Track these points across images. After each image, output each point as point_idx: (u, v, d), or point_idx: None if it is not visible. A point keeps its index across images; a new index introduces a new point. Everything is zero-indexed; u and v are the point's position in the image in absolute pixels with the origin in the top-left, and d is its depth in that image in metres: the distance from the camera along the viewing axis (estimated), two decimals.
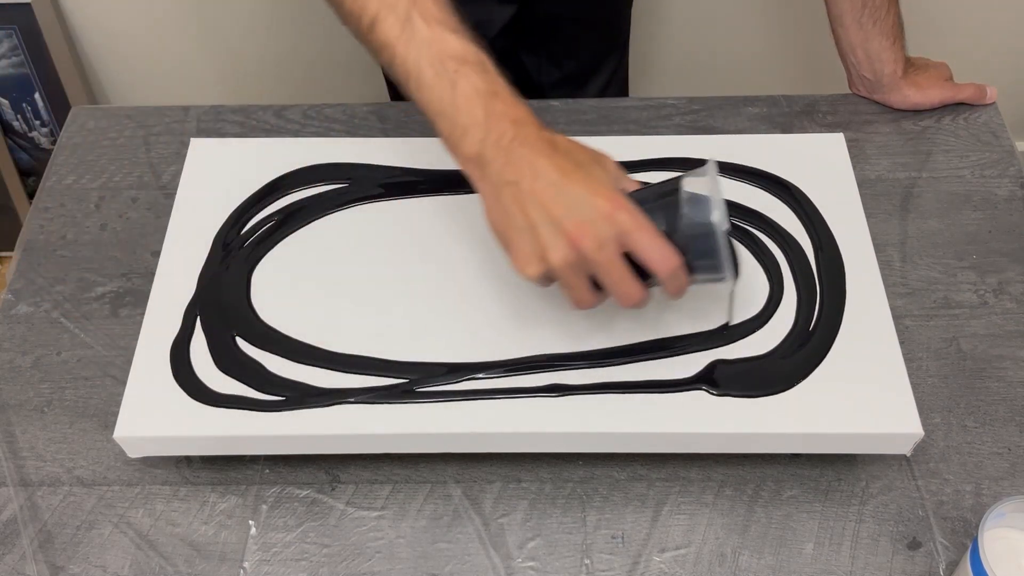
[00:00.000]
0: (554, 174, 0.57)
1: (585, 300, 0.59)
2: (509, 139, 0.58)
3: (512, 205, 0.57)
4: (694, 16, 1.47)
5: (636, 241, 0.56)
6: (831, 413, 0.62)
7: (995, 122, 0.88)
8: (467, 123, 0.58)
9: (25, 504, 0.67)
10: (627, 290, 0.58)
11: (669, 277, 0.57)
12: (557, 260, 0.57)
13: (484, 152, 0.58)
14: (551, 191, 0.56)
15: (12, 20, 1.43)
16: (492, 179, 0.58)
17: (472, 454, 0.68)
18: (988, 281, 0.77)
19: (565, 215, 0.56)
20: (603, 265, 0.57)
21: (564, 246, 0.56)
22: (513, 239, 0.58)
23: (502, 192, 0.58)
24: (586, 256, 0.56)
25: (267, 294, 0.70)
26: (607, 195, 0.56)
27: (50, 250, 0.80)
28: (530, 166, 0.57)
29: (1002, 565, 0.55)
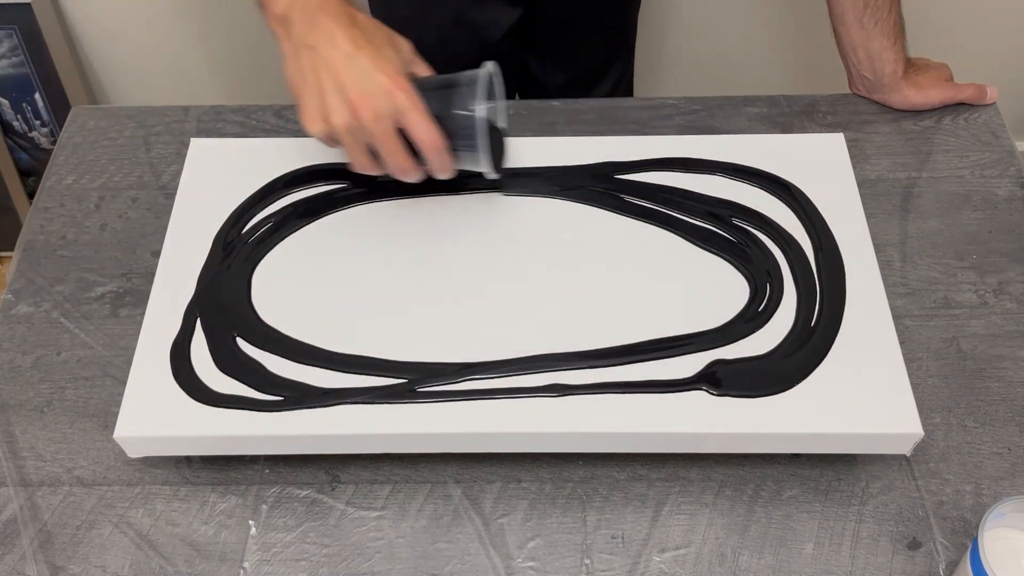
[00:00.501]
0: (348, 45, 0.64)
1: (362, 163, 0.66)
2: (314, 6, 0.65)
3: (307, 67, 0.64)
4: (695, 17, 1.47)
5: (407, 119, 0.64)
6: (831, 413, 0.62)
7: (995, 122, 0.88)
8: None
9: (25, 504, 0.67)
10: (398, 161, 0.65)
11: (432, 155, 0.65)
12: (338, 123, 0.64)
13: (290, 14, 0.65)
14: (343, 60, 0.63)
15: (12, 20, 1.43)
16: (294, 40, 0.65)
17: (472, 454, 0.68)
18: (988, 281, 0.77)
19: (350, 85, 0.63)
20: (378, 136, 0.64)
21: (346, 112, 0.63)
22: (304, 98, 0.65)
23: (300, 53, 0.65)
24: (364, 125, 0.63)
25: (267, 294, 0.70)
26: (390, 74, 0.63)
27: (50, 250, 0.80)
28: (328, 34, 0.64)
29: (1002, 565, 0.55)
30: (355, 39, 0.64)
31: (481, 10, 0.98)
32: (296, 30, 0.65)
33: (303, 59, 0.65)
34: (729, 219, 0.73)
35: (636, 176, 0.77)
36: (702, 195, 0.75)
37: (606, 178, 0.76)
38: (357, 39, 0.64)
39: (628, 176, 0.77)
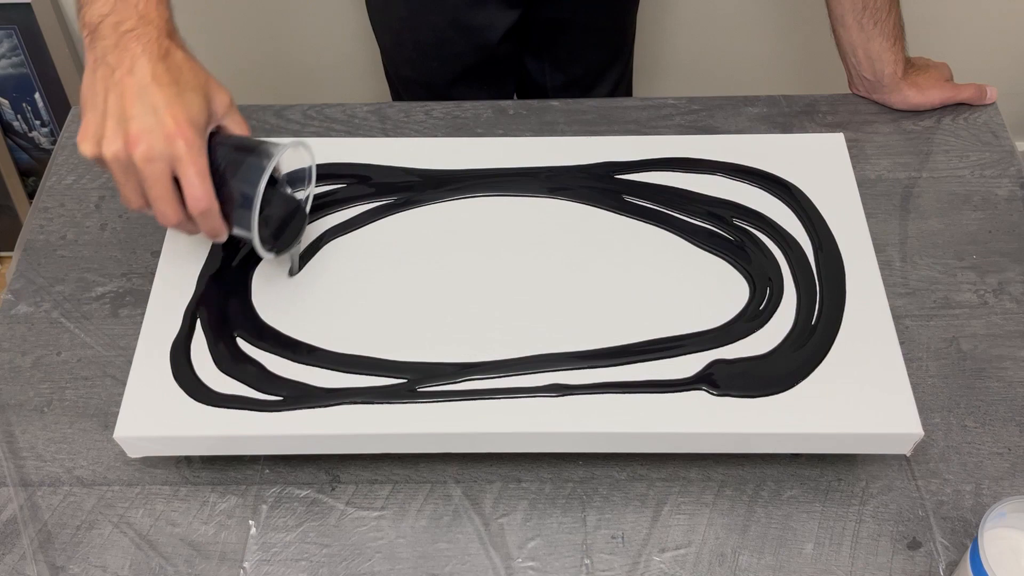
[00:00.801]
0: (147, 78, 0.60)
1: (128, 199, 0.62)
2: (126, 28, 0.61)
3: (100, 85, 0.61)
4: (695, 17, 1.47)
5: (182, 171, 0.60)
6: (831, 413, 0.62)
7: (995, 122, 0.88)
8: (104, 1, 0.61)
9: (25, 504, 0.67)
10: (162, 208, 0.61)
11: (197, 214, 0.61)
12: (108, 152, 0.60)
13: (101, 27, 0.61)
14: (134, 91, 0.60)
15: (12, 20, 1.43)
16: (96, 54, 0.61)
17: (472, 454, 0.68)
18: (988, 281, 0.77)
19: (133, 116, 0.59)
20: (148, 179, 0.60)
21: (119, 143, 0.59)
22: (86, 115, 0.61)
23: (98, 70, 0.61)
24: (134, 162, 0.59)
25: (267, 294, 0.70)
26: (179, 118, 0.60)
27: (50, 250, 0.80)
28: (132, 60, 0.60)
29: (1002, 565, 0.55)
30: (157, 73, 0.60)
31: (479, 12, 0.98)
32: (101, 44, 0.61)
33: (98, 75, 0.61)
34: (730, 219, 0.73)
35: (636, 176, 0.77)
36: (702, 195, 0.75)
37: (606, 178, 0.76)
38: (159, 74, 0.60)
39: (628, 176, 0.77)
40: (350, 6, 1.41)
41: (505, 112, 0.89)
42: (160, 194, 0.61)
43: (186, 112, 0.60)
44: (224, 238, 0.64)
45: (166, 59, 0.61)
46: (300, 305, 0.69)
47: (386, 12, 1.04)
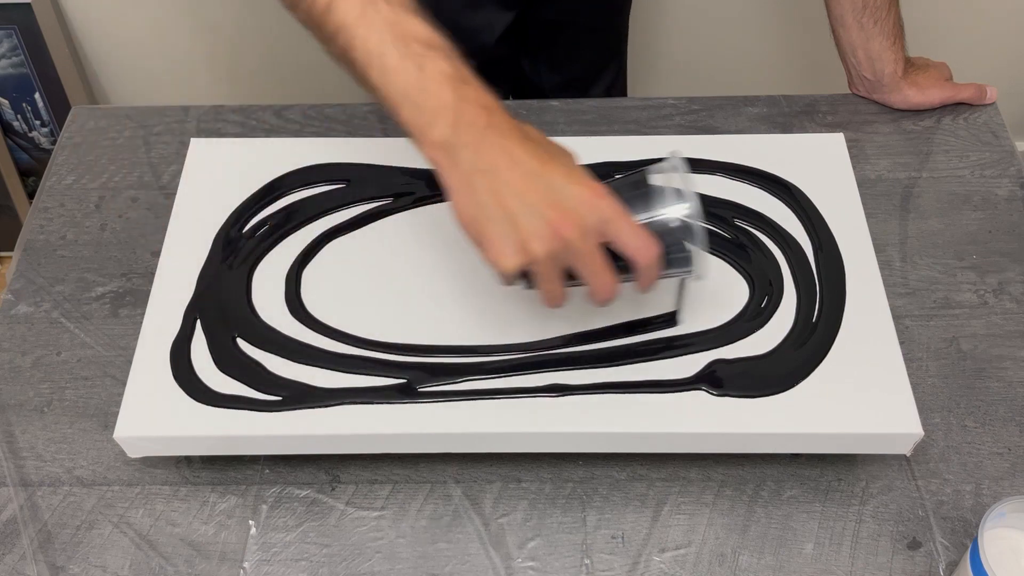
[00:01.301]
0: (532, 162, 0.55)
1: (559, 295, 0.57)
2: (482, 125, 0.55)
3: (487, 194, 0.55)
4: (694, 16, 1.47)
5: (618, 230, 0.55)
6: (831, 413, 0.62)
7: (995, 122, 0.88)
8: (437, 107, 0.55)
9: (25, 504, 0.67)
10: (605, 281, 0.56)
11: (647, 267, 0.56)
12: (540, 250, 0.54)
13: (456, 138, 0.55)
14: (530, 179, 0.54)
15: (12, 20, 1.43)
16: (463, 167, 0.55)
17: (472, 454, 0.68)
18: (988, 281, 0.77)
19: (547, 203, 0.54)
20: (585, 255, 0.55)
21: (547, 235, 0.54)
22: (489, 230, 0.55)
23: (475, 180, 0.55)
24: (569, 244, 0.54)
25: (267, 294, 0.70)
26: (587, 183, 0.55)
27: (50, 250, 0.80)
28: (506, 153, 0.55)
29: (1002, 565, 0.55)
30: (536, 154, 0.55)
31: (475, 14, 0.98)
32: (465, 156, 0.55)
33: (479, 187, 0.55)
34: (730, 219, 0.73)
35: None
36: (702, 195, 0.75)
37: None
38: (538, 153, 0.55)
39: None
40: None
41: None
42: (600, 265, 0.55)
43: (583, 174, 0.55)
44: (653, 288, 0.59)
45: (529, 137, 0.56)
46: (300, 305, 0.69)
47: None
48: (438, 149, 0.56)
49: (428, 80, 0.56)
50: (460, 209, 0.56)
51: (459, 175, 0.56)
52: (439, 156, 0.56)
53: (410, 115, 0.56)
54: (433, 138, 0.56)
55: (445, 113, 0.55)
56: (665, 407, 0.63)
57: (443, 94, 0.56)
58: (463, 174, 0.55)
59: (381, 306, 0.69)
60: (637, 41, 1.18)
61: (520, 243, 0.54)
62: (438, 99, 0.56)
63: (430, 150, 0.56)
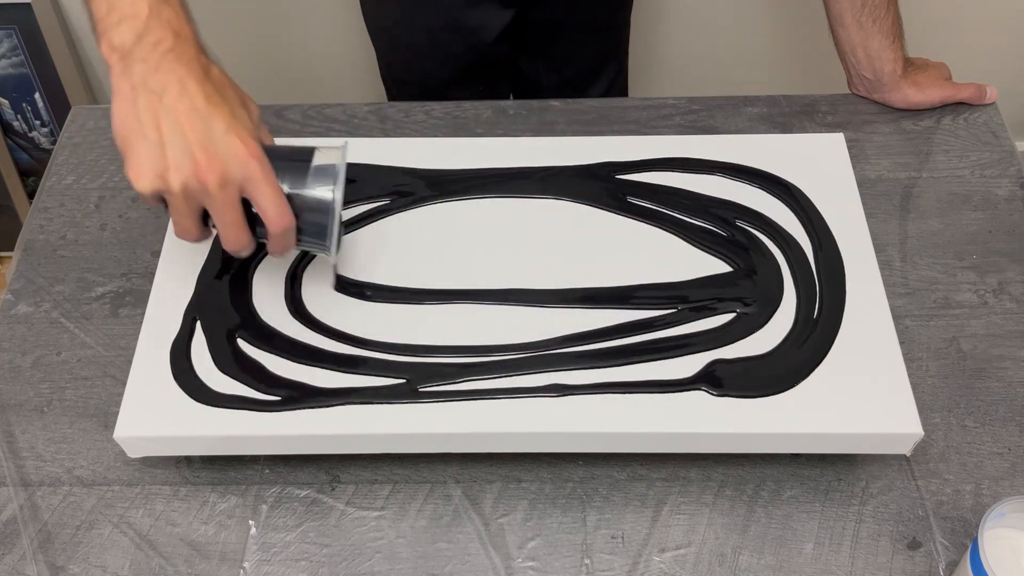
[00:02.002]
0: (200, 99, 0.56)
1: (191, 231, 0.59)
2: (166, 48, 0.56)
3: (146, 113, 0.56)
4: (694, 16, 1.47)
5: (259, 192, 0.57)
6: (831, 413, 0.62)
7: (995, 122, 0.88)
8: (127, 13, 0.57)
9: (25, 504, 0.67)
10: (236, 235, 0.59)
11: (279, 234, 0.59)
12: (176, 183, 0.56)
13: (135, 50, 0.56)
14: (192, 115, 0.56)
15: (12, 20, 1.43)
16: (133, 80, 0.56)
17: (472, 454, 0.68)
18: (988, 281, 0.77)
19: (198, 143, 0.56)
20: (221, 204, 0.57)
21: (189, 172, 0.56)
22: (136, 147, 0.56)
23: (140, 97, 0.56)
24: (207, 189, 0.56)
25: (267, 294, 0.70)
26: (245, 139, 0.57)
27: (50, 250, 0.80)
28: (179, 82, 0.56)
29: (1002, 565, 0.55)
30: (208, 93, 0.57)
31: (473, 12, 0.98)
32: (139, 70, 0.56)
33: (141, 103, 0.56)
34: (732, 220, 0.73)
35: (636, 176, 0.77)
36: (702, 195, 0.75)
37: (606, 178, 0.76)
38: (210, 93, 0.57)
39: (628, 176, 0.77)
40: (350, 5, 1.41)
41: (505, 112, 0.89)
42: (234, 219, 0.58)
43: (246, 130, 0.57)
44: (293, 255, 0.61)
45: (210, 76, 0.58)
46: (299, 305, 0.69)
47: (380, 14, 1.04)
48: (115, 52, 0.57)
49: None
50: (117, 116, 0.57)
51: (127, 85, 0.57)
52: (114, 60, 0.57)
53: (99, 9, 0.57)
54: (113, 41, 0.57)
55: (133, 22, 0.56)
56: (665, 407, 0.63)
57: (140, 4, 0.57)
58: (131, 87, 0.56)
59: (381, 306, 0.69)
60: (637, 41, 1.18)
61: (160, 170, 0.56)
62: (132, 6, 0.57)
63: (107, 50, 0.57)
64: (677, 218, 0.74)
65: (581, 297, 0.69)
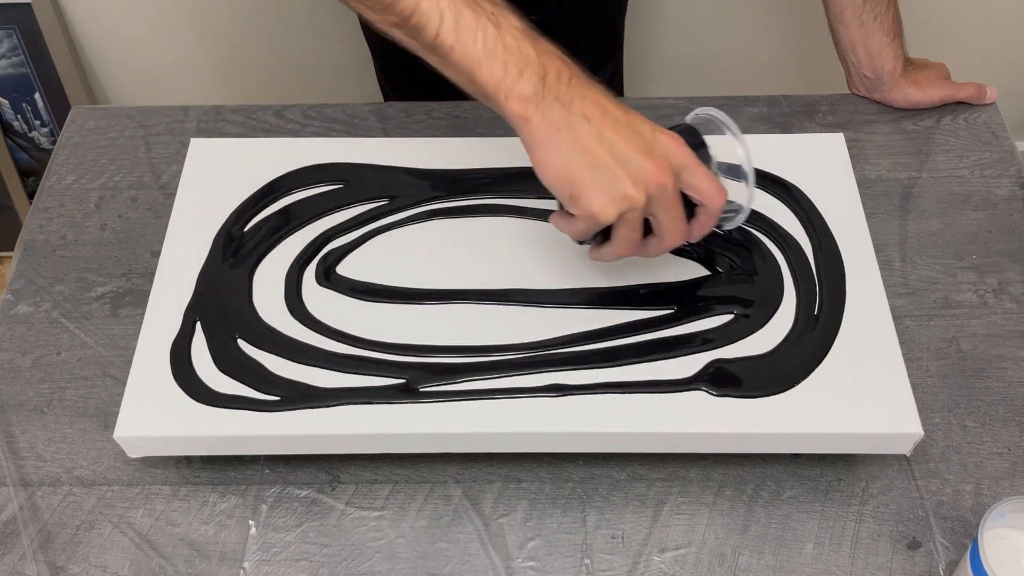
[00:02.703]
0: (617, 111, 0.56)
1: (637, 244, 0.59)
2: (567, 78, 0.56)
3: (579, 144, 0.55)
4: (693, 16, 1.47)
5: (697, 176, 0.57)
6: (831, 413, 0.62)
7: (995, 122, 0.88)
8: (522, 61, 0.55)
9: (25, 504, 0.67)
10: (681, 227, 0.58)
11: (716, 209, 0.59)
12: (639, 195, 0.55)
13: (545, 91, 0.55)
14: (621, 128, 0.56)
15: (12, 20, 1.43)
16: (554, 120, 0.55)
17: (472, 454, 0.68)
18: (988, 281, 0.77)
19: (640, 151, 0.55)
20: (673, 201, 0.57)
21: (650, 180, 0.55)
22: (585, 180, 0.56)
23: (567, 132, 0.55)
24: (664, 189, 0.56)
25: (268, 294, 0.70)
26: (666, 132, 0.57)
27: (50, 250, 0.80)
28: (596, 104, 0.56)
29: (1002, 565, 0.55)
30: (618, 104, 0.57)
31: None
32: (556, 108, 0.56)
33: (570, 138, 0.55)
34: None
35: None
36: None
37: None
38: (619, 104, 0.57)
39: None
40: None
41: None
42: (682, 213, 0.58)
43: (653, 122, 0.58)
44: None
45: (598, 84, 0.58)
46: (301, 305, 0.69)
47: None
48: (528, 103, 0.56)
49: (507, 36, 0.56)
50: (550, 163, 0.56)
51: (549, 128, 0.56)
52: (528, 110, 0.56)
53: (494, 71, 0.56)
54: (522, 92, 0.55)
55: (531, 67, 0.55)
56: (665, 407, 0.63)
57: (525, 48, 0.56)
58: (554, 127, 0.56)
59: (381, 306, 0.69)
60: (636, 41, 1.18)
61: (623, 190, 0.56)
62: (521, 54, 0.56)
63: (518, 105, 0.56)
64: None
65: (581, 297, 0.69)
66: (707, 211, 0.59)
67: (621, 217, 0.57)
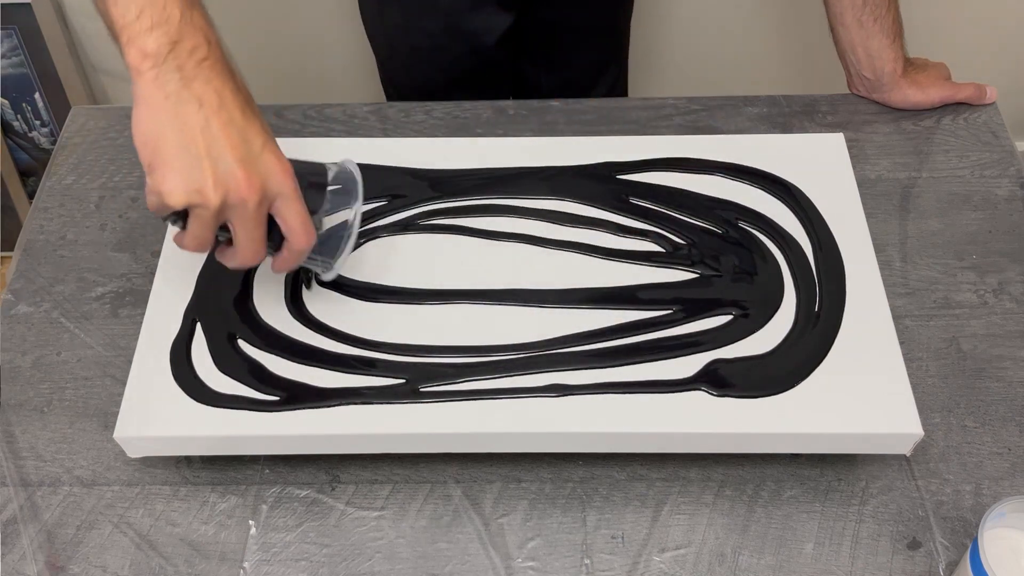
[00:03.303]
0: (237, 112, 0.55)
1: (205, 244, 0.57)
2: (201, 56, 0.54)
3: (185, 125, 0.53)
4: (693, 16, 1.47)
5: (290, 210, 0.56)
6: (831, 413, 0.62)
7: (995, 122, 0.88)
8: (159, 18, 0.54)
9: (25, 504, 0.67)
10: (256, 250, 0.57)
11: (299, 252, 0.58)
12: (216, 198, 0.54)
13: (170, 58, 0.53)
14: (231, 129, 0.54)
15: (12, 20, 1.43)
16: (167, 88, 0.54)
17: (472, 454, 0.68)
18: (988, 281, 0.77)
19: (239, 159, 0.54)
20: (253, 220, 0.56)
21: (231, 188, 0.54)
22: (171, 159, 0.54)
23: (178, 107, 0.54)
24: (244, 205, 0.54)
25: (267, 294, 0.70)
26: (279, 156, 0.56)
27: (50, 250, 0.80)
28: (216, 93, 0.54)
29: (1002, 565, 0.55)
30: (242, 106, 0.55)
31: (474, 16, 0.97)
32: (175, 78, 0.54)
33: (180, 114, 0.54)
34: (734, 220, 0.73)
35: (637, 176, 0.77)
36: (702, 195, 0.75)
37: (607, 178, 0.76)
38: (243, 106, 0.55)
39: (629, 176, 0.77)
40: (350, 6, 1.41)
41: (505, 112, 0.89)
42: (260, 235, 0.57)
43: (274, 143, 0.56)
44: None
45: (240, 87, 0.56)
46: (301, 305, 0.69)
47: (380, 18, 1.04)
48: (147, 59, 0.54)
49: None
50: (145, 124, 0.54)
51: (160, 92, 0.54)
52: (144, 65, 0.54)
53: (128, 13, 0.54)
54: (144, 46, 0.53)
55: (167, 27, 0.54)
56: (665, 407, 0.63)
57: (172, 9, 0.54)
58: (164, 94, 0.54)
59: (381, 306, 0.69)
60: (638, 42, 1.18)
61: (199, 184, 0.54)
62: (164, 11, 0.54)
63: (136, 56, 0.54)
64: (677, 218, 0.74)
65: (581, 297, 0.69)
66: (289, 247, 0.58)
67: (192, 211, 0.55)
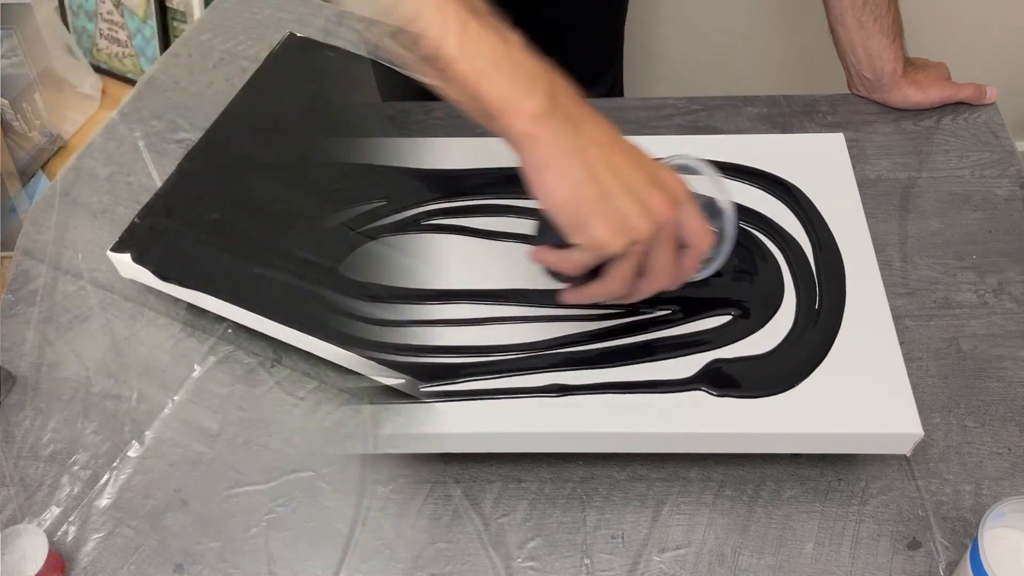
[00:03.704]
0: (620, 139, 0.52)
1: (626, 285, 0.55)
2: (575, 97, 0.52)
3: (587, 169, 0.51)
4: (693, 16, 1.47)
5: (692, 214, 0.54)
6: (831, 413, 0.62)
7: (995, 122, 0.88)
8: (531, 77, 0.51)
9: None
10: (673, 268, 0.55)
11: (702, 252, 0.56)
12: (645, 229, 0.52)
13: (556, 109, 0.51)
14: (629, 157, 0.52)
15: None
16: (565, 140, 0.51)
17: (472, 454, 0.68)
18: (988, 281, 0.77)
19: (647, 181, 0.52)
20: (669, 239, 0.53)
21: (656, 212, 0.52)
22: (593, 209, 0.51)
23: (586, 153, 0.51)
24: (666, 225, 0.52)
25: None
26: (661, 165, 0.54)
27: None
28: (604, 129, 0.52)
29: (1002, 565, 0.55)
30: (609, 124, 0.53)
31: None
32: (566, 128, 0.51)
33: (591, 160, 0.51)
34: None
35: None
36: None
37: None
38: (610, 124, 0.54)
39: None
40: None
41: None
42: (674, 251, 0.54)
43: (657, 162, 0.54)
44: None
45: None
46: None
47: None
48: (536, 122, 0.51)
49: (515, 49, 0.51)
50: (558, 188, 0.52)
51: (557, 149, 0.51)
52: (537, 129, 0.51)
53: (500, 85, 0.51)
54: (531, 109, 0.51)
55: (541, 83, 0.51)
56: (665, 407, 0.63)
57: (534, 64, 0.52)
58: (562, 148, 0.51)
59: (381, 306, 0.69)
60: (636, 42, 1.18)
61: (628, 220, 0.52)
62: (531, 68, 0.51)
63: (525, 123, 0.51)
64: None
65: None
66: (693, 253, 0.56)
67: (627, 250, 0.53)
